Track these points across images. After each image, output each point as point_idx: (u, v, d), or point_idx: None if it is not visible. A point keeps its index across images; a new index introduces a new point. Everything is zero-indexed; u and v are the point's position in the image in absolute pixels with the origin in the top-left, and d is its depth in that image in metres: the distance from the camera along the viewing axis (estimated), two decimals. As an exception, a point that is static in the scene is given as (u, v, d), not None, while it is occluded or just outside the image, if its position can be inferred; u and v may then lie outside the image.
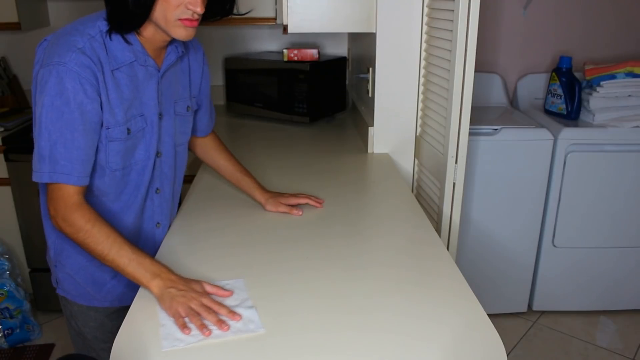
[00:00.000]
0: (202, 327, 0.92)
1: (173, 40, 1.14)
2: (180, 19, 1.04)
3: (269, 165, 1.79)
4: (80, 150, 1.03)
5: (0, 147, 2.26)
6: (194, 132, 1.39)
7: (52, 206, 1.04)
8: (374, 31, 1.77)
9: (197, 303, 0.96)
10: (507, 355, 1.56)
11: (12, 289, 2.30)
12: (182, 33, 1.06)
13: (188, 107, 1.27)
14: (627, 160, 2.28)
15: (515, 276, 2.46)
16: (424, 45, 1.77)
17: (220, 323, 0.93)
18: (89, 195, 1.12)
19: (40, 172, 1.02)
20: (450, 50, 1.54)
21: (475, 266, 2.41)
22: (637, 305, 2.52)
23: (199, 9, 1.03)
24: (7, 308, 2.28)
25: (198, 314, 0.94)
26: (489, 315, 0.96)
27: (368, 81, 1.92)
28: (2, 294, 2.28)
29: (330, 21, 1.75)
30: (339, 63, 2.40)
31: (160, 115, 1.18)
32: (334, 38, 2.66)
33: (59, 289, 1.28)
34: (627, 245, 2.41)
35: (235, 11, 1.18)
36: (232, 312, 0.96)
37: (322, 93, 2.32)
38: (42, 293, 2.46)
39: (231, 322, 0.94)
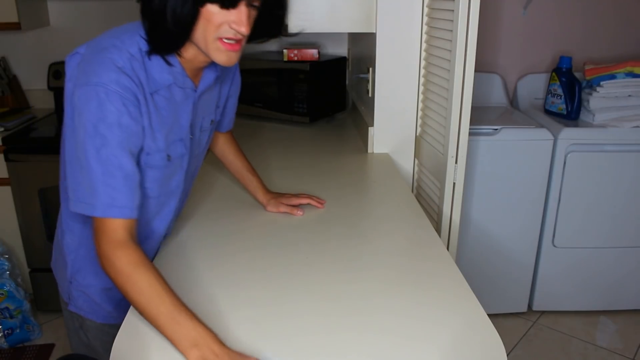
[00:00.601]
0: None
1: None
2: (220, 39, 0.93)
3: (269, 165, 1.79)
4: (129, 179, 0.93)
5: (0, 147, 2.26)
6: (217, 128, 1.36)
7: (96, 242, 0.93)
8: (374, 31, 1.77)
9: None
10: (507, 355, 1.56)
11: (12, 289, 2.30)
12: (222, 57, 0.95)
13: (212, 120, 1.21)
14: (627, 160, 2.28)
15: (515, 276, 2.46)
16: (424, 45, 1.77)
17: None
18: None
19: (83, 203, 0.92)
20: (450, 50, 1.54)
21: (475, 266, 2.41)
22: (637, 305, 2.52)
23: (244, 29, 0.91)
24: (7, 308, 2.28)
25: None
26: (489, 315, 0.96)
27: (368, 81, 1.92)
28: (2, 294, 2.28)
29: (330, 21, 1.75)
30: (339, 63, 2.40)
31: (192, 137, 1.12)
32: (334, 38, 2.65)
33: (71, 306, 1.19)
34: (627, 245, 2.41)
35: (284, 31, 1.08)
36: None
37: (322, 93, 2.32)
38: (42, 293, 2.46)
39: None
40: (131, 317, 0.97)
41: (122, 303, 1.16)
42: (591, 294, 2.49)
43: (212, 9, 0.90)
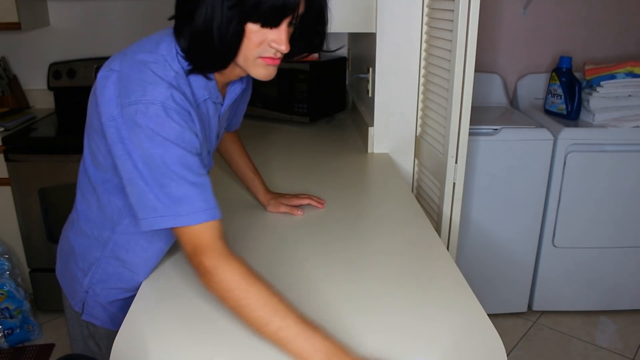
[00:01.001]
0: None
1: None
2: (261, 57, 0.93)
3: (268, 165, 1.79)
4: (206, 182, 0.91)
5: (0, 147, 2.26)
6: (226, 128, 1.35)
7: (196, 259, 0.88)
8: (374, 31, 1.77)
9: None
10: (507, 355, 1.56)
11: (12, 289, 2.30)
12: (262, 72, 0.95)
13: (225, 127, 1.19)
14: (627, 160, 2.28)
15: (515, 276, 2.46)
16: (424, 45, 1.77)
17: None
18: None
19: (167, 217, 0.88)
20: (450, 50, 1.54)
21: (475, 266, 2.41)
22: (637, 305, 2.52)
23: (284, 48, 0.90)
24: (7, 308, 2.28)
25: None
26: (489, 315, 0.96)
27: (368, 81, 1.92)
28: (2, 294, 2.28)
29: (330, 21, 1.75)
30: (339, 63, 2.40)
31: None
32: (334, 38, 2.65)
33: (85, 316, 1.15)
34: (627, 245, 2.41)
35: (324, 47, 1.04)
36: None
37: (322, 93, 2.32)
38: (42, 293, 2.46)
39: None
40: (131, 318, 0.97)
41: None
42: (591, 294, 2.49)
43: (252, 27, 0.89)
